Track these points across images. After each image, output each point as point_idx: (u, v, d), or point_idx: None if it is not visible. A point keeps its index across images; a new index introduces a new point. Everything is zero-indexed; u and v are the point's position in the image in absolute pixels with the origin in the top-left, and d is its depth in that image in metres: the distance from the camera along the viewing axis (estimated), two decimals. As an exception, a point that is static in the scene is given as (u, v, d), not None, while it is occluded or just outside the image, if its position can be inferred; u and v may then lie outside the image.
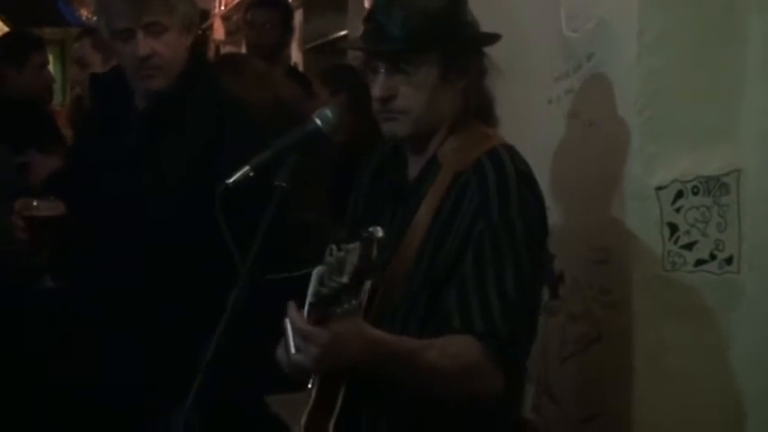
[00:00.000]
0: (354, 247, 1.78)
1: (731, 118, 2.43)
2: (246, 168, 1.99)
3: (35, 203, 2.70)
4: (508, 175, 2.07)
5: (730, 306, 2.43)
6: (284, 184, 1.97)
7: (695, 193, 2.43)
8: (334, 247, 1.81)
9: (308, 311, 1.86)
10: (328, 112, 2.06)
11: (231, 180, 1.97)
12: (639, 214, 2.45)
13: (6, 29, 8.44)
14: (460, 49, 2.13)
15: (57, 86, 11.41)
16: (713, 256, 2.43)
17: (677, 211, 2.43)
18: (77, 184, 2.86)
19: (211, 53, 9.87)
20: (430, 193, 2.12)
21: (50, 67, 5.05)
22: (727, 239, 2.44)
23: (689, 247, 2.43)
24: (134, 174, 2.72)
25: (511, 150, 2.14)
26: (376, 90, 2.12)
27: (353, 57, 4.32)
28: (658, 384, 2.42)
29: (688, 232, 2.43)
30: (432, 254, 2.08)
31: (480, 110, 2.19)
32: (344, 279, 1.77)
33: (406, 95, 2.10)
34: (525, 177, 2.10)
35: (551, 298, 2.81)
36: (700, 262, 2.44)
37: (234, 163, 2.03)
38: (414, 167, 2.22)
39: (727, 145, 2.43)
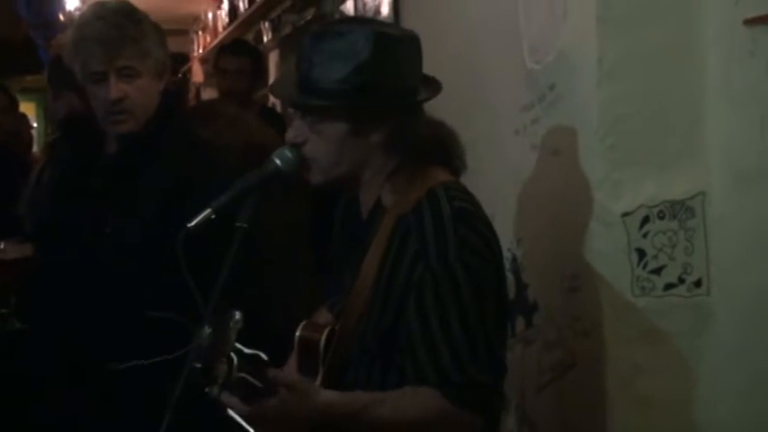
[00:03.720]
0: (209, 333, 1.81)
1: (693, 141, 2.44)
2: (208, 211, 1.98)
3: (2, 246, 2.69)
4: (444, 215, 2.00)
5: (701, 328, 2.44)
6: (245, 225, 1.96)
7: (661, 218, 2.44)
8: (206, 326, 1.82)
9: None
10: (287, 152, 2.05)
11: (192, 223, 1.97)
12: (607, 241, 2.45)
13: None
14: (370, 111, 2.05)
15: (38, 133, 11.45)
16: (682, 280, 2.44)
17: (644, 236, 2.44)
18: (45, 226, 2.84)
19: (191, 96, 9.90)
20: (376, 239, 2.08)
21: (32, 115, 5.05)
22: (695, 262, 2.44)
23: (657, 271, 2.44)
24: (101, 216, 2.70)
25: (450, 187, 2.07)
26: (288, 133, 2.09)
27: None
28: (632, 408, 2.43)
29: (656, 257, 2.44)
30: (382, 303, 2.04)
31: (430, 153, 2.11)
32: (197, 365, 1.80)
33: (313, 144, 2.06)
34: (463, 214, 2.02)
35: (527, 327, 2.82)
36: (669, 286, 2.44)
37: (204, 205, 2.03)
38: (364, 208, 2.17)
39: (690, 168, 2.44)
